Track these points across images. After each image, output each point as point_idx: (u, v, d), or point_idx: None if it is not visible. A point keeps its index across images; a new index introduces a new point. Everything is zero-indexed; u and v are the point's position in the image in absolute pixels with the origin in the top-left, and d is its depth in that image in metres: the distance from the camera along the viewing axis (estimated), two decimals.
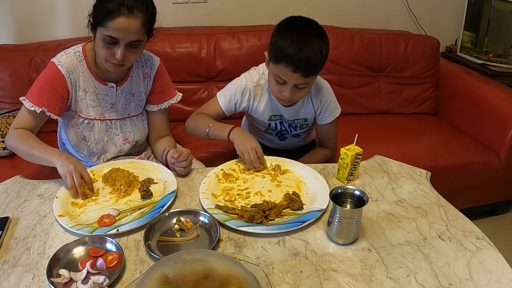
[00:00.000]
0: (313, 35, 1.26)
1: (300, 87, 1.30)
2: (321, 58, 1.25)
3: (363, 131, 1.32)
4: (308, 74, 1.25)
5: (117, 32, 1.19)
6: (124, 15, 1.17)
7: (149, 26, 1.26)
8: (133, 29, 1.20)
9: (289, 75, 1.26)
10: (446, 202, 1.17)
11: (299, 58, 1.21)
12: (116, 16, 1.17)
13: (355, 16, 2.54)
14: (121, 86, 1.39)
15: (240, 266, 0.77)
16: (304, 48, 1.22)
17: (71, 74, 1.31)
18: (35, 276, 0.89)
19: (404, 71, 2.37)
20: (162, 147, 1.41)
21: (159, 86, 1.46)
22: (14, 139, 1.28)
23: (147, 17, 1.23)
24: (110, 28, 1.18)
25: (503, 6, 2.45)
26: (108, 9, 1.17)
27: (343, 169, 1.24)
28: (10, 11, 2.14)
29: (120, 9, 1.17)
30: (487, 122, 2.08)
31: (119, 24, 1.18)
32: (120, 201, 1.15)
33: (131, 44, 1.23)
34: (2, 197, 1.17)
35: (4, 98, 2.01)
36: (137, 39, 1.23)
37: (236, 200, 1.16)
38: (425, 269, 0.92)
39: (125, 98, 1.42)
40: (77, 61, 1.32)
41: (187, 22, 2.32)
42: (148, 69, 1.43)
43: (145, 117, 1.51)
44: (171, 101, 1.49)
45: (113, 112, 1.42)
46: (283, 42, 1.24)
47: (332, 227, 0.99)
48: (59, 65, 1.29)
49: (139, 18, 1.20)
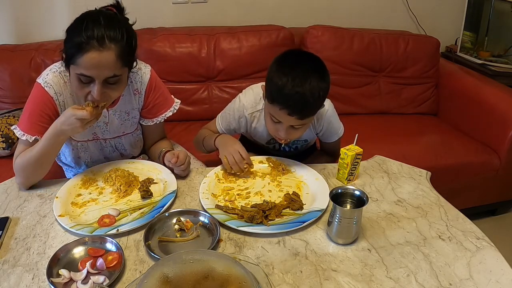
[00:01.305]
0: (312, 73, 1.14)
1: (296, 127, 1.22)
2: (319, 99, 1.17)
3: (363, 131, 1.32)
4: (304, 117, 1.17)
5: (88, 69, 1.05)
6: (95, 49, 1.03)
7: (127, 57, 1.11)
8: (106, 64, 1.06)
9: (284, 117, 1.17)
10: (446, 202, 1.17)
11: (294, 101, 1.13)
12: (85, 51, 1.03)
13: (355, 16, 2.54)
14: (113, 107, 1.29)
15: (240, 266, 0.77)
16: (301, 90, 1.12)
17: (59, 96, 1.19)
18: (35, 276, 0.89)
19: (404, 71, 2.37)
20: (158, 150, 1.38)
21: (152, 101, 1.34)
22: (20, 168, 1.19)
23: (123, 47, 1.07)
24: (81, 66, 1.05)
25: (503, 6, 2.45)
26: (77, 43, 1.03)
27: (343, 169, 1.24)
28: (10, 11, 2.14)
29: (90, 42, 1.02)
30: (487, 122, 2.07)
31: (89, 60, 1.04)
32: (120, 201, 1.15)
33: (107, 81, 1.10)
34: (2, 197, 1.17)
35: (4, 98, 2.01)
36: (113, 74, 1.09)
37: (236, 200, 1.16)
38: (425, 269, 0.92)
39: (119, 117, 1.32)
40: (63, 82, 1.20)
41: (187, 22, 2.32)
42: (138, 84, 1.30)
43: (140, 131, 1.43)
44: (167, 114, 1.38)
45: (107, 131, 1.33)
46: (279, 80, 1.14)
47: (332, 227, 0.99)
48: (46, 87, 1.17)
49: (112, 49, 1.05)
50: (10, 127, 1.78)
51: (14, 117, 1.84)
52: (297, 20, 2.40)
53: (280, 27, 2.24)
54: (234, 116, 1.39)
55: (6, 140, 1.74)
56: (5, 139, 1.74)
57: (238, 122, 1.39)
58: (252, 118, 1.38)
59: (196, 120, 2.21)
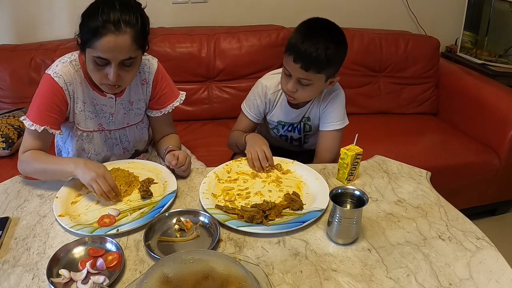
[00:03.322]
0: (324, 33, 1.27)
1: (303, 83, 1.30)
2: (324, 55, 1.24)
3: (363, 131, 1.32)
4: (307, 67, 1.26)
5: (105, 52, 1.09)
6: (111, 33, 1.07)
7: (141, 41, 1.15)
8: (122, 47, 1.10)
9: (291, 65, 1.28)
10: (446, 202, 1.17)
11: (301, 50, 1.24)
12: (102, 35, 1.07)
13: (355, 16, 2.54)
14: (120, 96, 1.31)
15: (240, 266, 0.77)
16: (307, 41, 1.24)
17: (69, 85, 1.22)
18: (35, 276, 0.89)
19: (404, 71, 2.37)
20: (164, 146, 1.39)
21: (160, 91, 1.38)
22: (26, 163, 1.21)
23: (138, 31, 1.11)
24: (98, 49, 1.09)
25: (503, 6, 2.44)
26: (93, 27, 1.07)
27: (343, 169, 1.24)
28: (10, 11, 2.14)
29: (106, 26, 1.06)
30: (487, 122, 2.07)
31: (106, 43, 1.07)
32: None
33: (123, 63, 1.14)
34: (2, 197, 1.17)
35: (4, 98, 2.01)
36: (129, 57, 1.13)
37: (236, 200, 1.16)
38: (425, 269, 0.92)
39: (124, 108, 1.35)
40: (74, 71, 1.23)
41: (187, 22, 2.32)
42: (146, 74, 1.34)
43: (146, 124, 1.45)
44: (174, 104, 1.41)
45: (112, 122, 1.35)
46: (296, 34, 1.29)
47: (332, 227, 0.99)
48: (55, 77, 1.20)
49: (128, 33, 1.09)
50: (10, 127, 1.78)
51: (14, 117, 1.84)
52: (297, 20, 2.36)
53: (280, 27, 2.25)
54: (261, 97, 1.49)
55: (6, 140, 1.74)
56: (5, 139, 1.74)
57: (263, 102, 1.49)
58: (275, 97, 1.49)
59: (196, 120, 2.21)
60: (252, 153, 1.30)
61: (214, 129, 2.13)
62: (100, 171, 1.11)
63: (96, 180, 1.09)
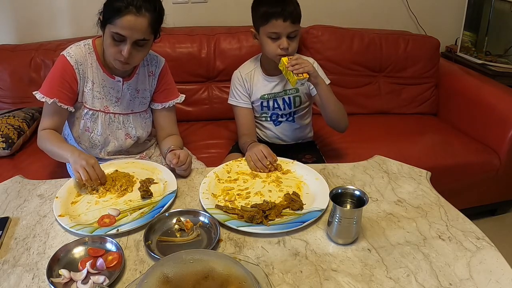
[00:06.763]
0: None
1: (292, 36, 1.45)
2: (298, 6, 1.46)
3: (363, 131, 1.32)
4: (293, 20, 1.43)
5: (124, 29, 1.22)
6: (132, 14, 1.21)
7: (156, 26, 1.30)
8: (140, 27, 1.24)
9: (281, 25, 1.42)
10: (446, 202, 1.17)
11: (285, 9, 1.40)
12: (124, 14, 1.21)
13: (355, 16, 2.54)
14: (128, 81, 1.43)
15: (240, 266, 0.77)
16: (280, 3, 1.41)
17: (80, 65, 1.35)
18: (35, 276, 0.89)
19: (404, 71, 2.36)
20: (166, 146, 1.42)
21: (164, 85, 1.50)
22: (41, 140, 1.36)
23: (155, 17, 1.26)
24: (118, 26, 1.22)
25: (503, 6, 2.44)
26: (117, 7, 1.21)
27: (288, 73, 1.38)
28: (10, 11, 2.15)
29: (129, 7, 1.21)
30: (487, 122, 2.07)
31: (127, 22, 1.21)
32: (120, 201, 1.15)
33: (137, 42, 1.26)
34: (2, 197, 1.17)
35: (4, 98, 2.01)
36: (143, 37, 1.26)
37: (236, 200, 1.16)
38: (425, 269, 0.92)
39: (130, 93, 1.45)
40: (87, 52, 1.37)
41: (187, 22, 2.32)
42: (153, 67, 1.47)
43: (149, 115, 1.54)
44: (175, 100, 1.52)
45: (117, 106, 1.44)
46: (266, 5, 1.44)
47: (332, 227, 0.99)
48: (68, 56, 1.33)
49: (147, 17, 1.24)
50: (10, 127, 1.78)
51: (14, 117, 1.84)
52: None
53: None
54: (239, 82, 1.63)
55: (6, 140, 1.74)
56: (5, 139, 1.74)
57: (242, 85, 1.63)
58: (250, 76, 1.63)
59: (196, 120, 2.21)
60: (251, 155, 1.32)
61: (214, 130, 2.13)
62: (90, 161, 1.19)
63: (84, 167, 1.17)
